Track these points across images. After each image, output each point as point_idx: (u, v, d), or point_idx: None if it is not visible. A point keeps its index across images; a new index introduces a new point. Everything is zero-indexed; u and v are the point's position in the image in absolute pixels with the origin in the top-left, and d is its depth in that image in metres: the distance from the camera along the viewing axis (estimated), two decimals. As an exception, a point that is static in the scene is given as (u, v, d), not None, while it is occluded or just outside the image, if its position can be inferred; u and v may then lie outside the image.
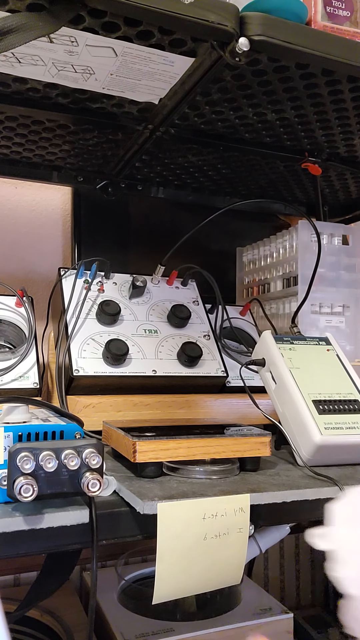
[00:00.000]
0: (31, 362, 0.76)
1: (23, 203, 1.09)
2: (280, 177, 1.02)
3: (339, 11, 0.64)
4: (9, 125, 0.80)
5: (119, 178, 1.02)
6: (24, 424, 0.47)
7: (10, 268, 1.07)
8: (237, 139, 0.86)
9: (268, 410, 0.69)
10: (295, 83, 0.68)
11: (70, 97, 0.72)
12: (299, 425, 0.62)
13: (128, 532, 0.48)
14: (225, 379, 0.81)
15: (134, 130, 0.81)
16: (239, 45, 0.55)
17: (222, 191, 1.12)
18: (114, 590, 0.88)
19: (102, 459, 0.44)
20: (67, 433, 0.47)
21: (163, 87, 0.68)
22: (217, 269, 0.96)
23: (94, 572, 0.47)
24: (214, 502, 0.47)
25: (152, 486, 0.51)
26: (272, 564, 1.17)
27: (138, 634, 0.74)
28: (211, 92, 0.71)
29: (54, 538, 0.44)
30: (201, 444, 0.55)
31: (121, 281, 0.86)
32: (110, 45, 0.59)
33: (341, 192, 1.11)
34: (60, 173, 1.00)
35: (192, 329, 0.85)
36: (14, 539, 0.43)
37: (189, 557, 0.46)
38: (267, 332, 0.73)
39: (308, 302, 0.91)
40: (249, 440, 0.57)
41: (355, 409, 0.65)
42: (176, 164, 0.97)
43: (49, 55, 0.61)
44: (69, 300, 0.80)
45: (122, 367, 0.75)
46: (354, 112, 0.76)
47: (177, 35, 0.57)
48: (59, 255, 1.11)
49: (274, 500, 0.51)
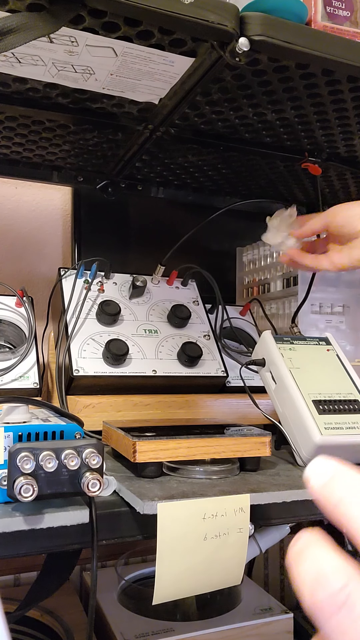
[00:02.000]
0: (31, 362, 0.76)
1: (23, 203, 1.09)
2: (280, 177, 1.02)
3: (339, 11, 0.64)
4: (9, 125, 0.80)
5: (119, 178, 1.02)
6: (24, 424, 0.47)
7: (10, 268, 1.07)
8: (237, 139, 0.86)
9: (268, 410, 0.69)
10: (295, 83, 0.68)
11: (70, 97, 0.72)
12: (299, 425, 0.62)
13: (128, 532, 0.48)
14: (225, 379, 0.81)
15: (134, 130, 0.81)
16: (239, 45, 0.55)
17: (222, 191, 1.12)
18: (114, 590, 0.88)
19: (102, 459, 0.44)
20: (67, 433, 0.47)
21: (163, 87, 0.68)
22: (217, 269, 0.96)
23: (94, 572, 0.47)
24: (214, 502, 0.47)
25: (152, 486, 0.51)
26: (272, 564, 1.17)
27: (138, 634, 0.74)
28: (211, 92, 0.71)
29: (54, 538, 0.44)
30: (201, 444, 0.55)
31: (121, 281, 0.86)
32: (110, 45, 0.59)
33: (341, 192, 1.11)
34: (60, 173, 1.00)
35: (192, 329, 0.85)
36: (14, 539, 0.43)
37: (189, 557, 0.46)
38: (267, 332, 0.73)
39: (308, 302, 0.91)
40: (249, 440, 0.57)
41: (355, 409, 0.65)
42: (176, 164, 0.97)
43: (49, 55, 0.61)
44: (69, 300, 0.80)
45: (122, 367, 0.75)
46: (354, 112, 0.76)
47: (177, 35, 0.57)
48: (59, 255, 1.11)
49: (274, 500, 0.51)
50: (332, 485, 0.21)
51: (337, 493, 0.20)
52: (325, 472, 0.21)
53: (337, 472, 0.21)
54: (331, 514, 0.20)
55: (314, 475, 0.21)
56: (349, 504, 0.20)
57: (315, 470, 0.21)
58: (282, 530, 0.86)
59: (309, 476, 0.21)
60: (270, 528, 0.84)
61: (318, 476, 0.21)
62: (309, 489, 0.21)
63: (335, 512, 0.20)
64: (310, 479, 0.21)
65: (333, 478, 0.21)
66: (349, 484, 0.20)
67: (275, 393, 0.68)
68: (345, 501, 0.20)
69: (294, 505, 0.52)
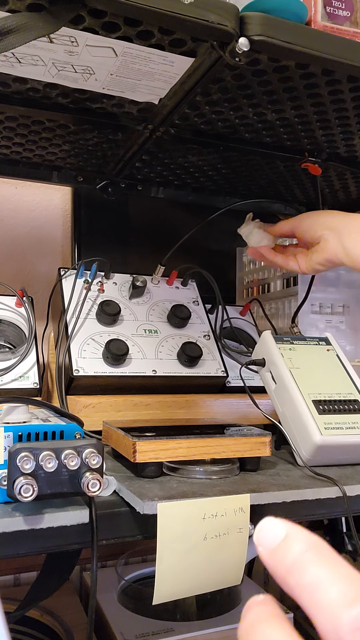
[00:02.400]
0: (31, 362, 0.76)
1: (23, 203, 1.09)
2: (280, 177, 1.02)
3: (339, 11, 0.64)
4: (9, 125, 0.80)
5: (119, 178, 1.02)
6: (24, 424, 0.47)
7: (10, 268, 1.07)
8: (237, 139, 0.86)
9: (268, 410, 0.69)
10: (295, 83, 0.68)
11: (70, 97, 0.72)
12: (299, 425, 0.62)
13: (128, 532, 0.48)
14: (225, 379, 0.81)
15: (134, 130, 0.81)
16: (239, 45, 0.55)
17: (222, 191, 1.12)
18: (114, 590, 0.88)
19: (102, 459, 0.44)
20: (67, 433, 0.47)
21: (163, 87, 0.68)
22: (217, 269, 0.96)
23: (94, 572, 0.47)
24: (214, 502, 0.47)
25: (152, 486, 0.51)
26: (272, 564, 1.16)
27: (138, 634, 0.74)
28: (211, 92, 0.71)
29: (54, 538, 0.44)
30: (201, 444, 0.55)
31: (121, 281, 0.86)
32: (110, 45, 0.59)
33: (341, 192, 1.11)
34: (60, 173, 1.00)
35: (192, 329, 0.85)
36: (14, 539, 0.43)
37: (189, 557, 0.46)
38: (267, 332, 0.73)
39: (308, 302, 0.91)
40: (249, 440, 0.57)
41: (355, 409, 0.65)
42: (176, 164, 0.97)
43: (49, 55, 0.61)
44: (69, 300, 0.80)
45: (122, 367, 0.75)
46: (354, 112, 0.76)
47: (177, 35, 0.57)
48: (59, 255, 1.11)
49: (274, 500, 0.51)
50: (281, 551, 0.19)
51: (287, 560, 0.19)
52: (273, 536, 0.20)
53: (286, 536, 0.19)
54: (282, 582, 0.19)
55: (262, 540, 0.20)
56: (300, 573, 0.19)
57: (262, 535, 0.20)
58: (282, 530, 0.86)
59: (256, 542, 0.20)
60: (270, 528, 0.84)
61: (266, 541, 0.20)
62: (259, 555, 0.20)
63: (286, 581, 0.19)
64: (258, 545, 0.20)
65: (282, 543, 0.19)
66: (299, 549, 0.19)
67: (275, 393, 0.68)
68: (295, 569, 0.19)
69: (294, 505, 0.52)
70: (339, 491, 0.53)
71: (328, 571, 0.18)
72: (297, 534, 0.20)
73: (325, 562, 0.18)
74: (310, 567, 0.18)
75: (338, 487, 0.54)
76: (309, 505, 0.53)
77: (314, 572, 0.18)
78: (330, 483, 0.55)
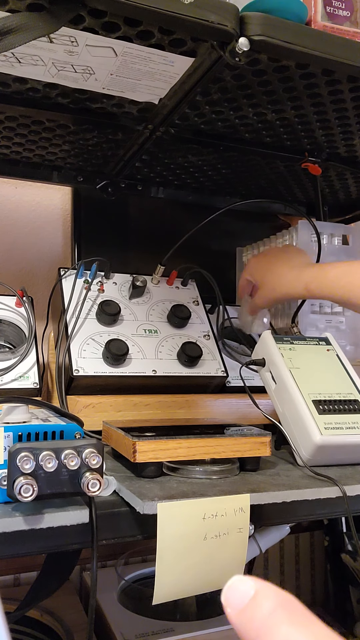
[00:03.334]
0: (31, 362, 0.76)
1: (23, 203, 1.09)
2: (280, 177, 1.02)
3: (339, 11, 0.64)
4: (9, 125, 0.80)
5: (119, 178, 1.02)
6: (24, 424, 0.47)
7: (10, 268, 1.07)
8: (237, 139, 0.86)
9: (268, 410, 0.69)
10: (295, 83, 0.68)
11: (70, 97, 0.72)
12: (299, 425, 0.62)
13: (128, 532, 0.48)
14: (225, 379, 0.81)
15: (134, 130, 0.81)
16: (239, 45, 0.55)
17: (222, 191, 1.12)
18: (114, 590, 0.88)
19: (102, 459, 0.44)
20: (67, 433, 0.47)
21: (163, 87, 0.68)
22: (217, 269, 0.96)
23: (94, 572, 0.47)
24: (214, 502, 0.47)
25: (152, 486, 0.51)
26: (272, 564, 1.17)
27: (138, 634, 0.74)
28: (211, 92, 0.71)
29: (54, 538, 0.44)
30: (201, 444, 0.55)
31: (121, 281, 0.86)
32: (110, 45, 0.59)
33: (341, 192, 1.11)
34: (60, 173, 1.00)
35: (192, 329, 0.85)
36: (14, 539, 0.43)
37: (189, 557, 0.46)
38: (267, 332, 0.73)
39: (308, 302, 0.91)
40: (249, 440, 0.57)
41: (355, 409, 0.65)
42: (176, 164, 0.97)
43: (49, 55, 0.61)
44: (69, 300, 0.80)
45: (122, 367, 0.75)
46: (354, 112, 0.76)
47: (177, 35, 0.57)
48: (59, 255, 1.11)
49: (274, 500, 0.51)
50: (250, 610, 0.18)
51: (256, 620, 0.18)
52: (242, 594, 0.18)
53: (255, 594, 0.18)
54: None
55: (230, 600, 0.19)
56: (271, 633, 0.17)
57: (230, 594, 0.19)
58: (282, 530, 0.86)
59: (224, 603, 0.19)
60: (270, 528, 0.84)
61: (234, 601, 0.19)
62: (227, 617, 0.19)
63: None
64: (226, 607, 0.19)
65: (250, 602, 0.18)
66: (269, 607, 0.18)
67: (275, 393, 0.68)
68: (266, 629, 0.18)
69: (294, 505, 0.52)
70: (339, 491, 0.53)
71: (301, 630, 0.17)
72: (266, 591, 0.18)
73: (297, 620, 0.17)
74: (281, 626, 0.17)
75: (338, 487, 0.54)
76: (309, 505, 0.53)
77: (285, 631, 0.17)
78: (330, 483, 0.55)
